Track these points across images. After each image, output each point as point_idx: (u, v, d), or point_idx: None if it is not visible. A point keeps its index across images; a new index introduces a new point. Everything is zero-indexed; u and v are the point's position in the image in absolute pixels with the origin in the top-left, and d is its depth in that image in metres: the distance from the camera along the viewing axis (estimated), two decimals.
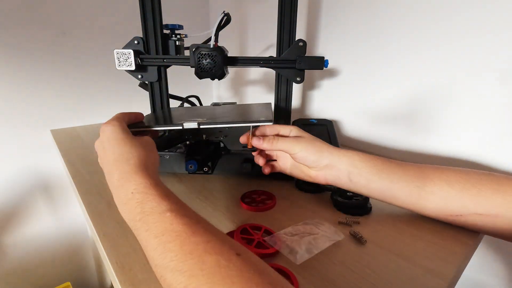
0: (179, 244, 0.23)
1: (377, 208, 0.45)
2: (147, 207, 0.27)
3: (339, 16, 0.71)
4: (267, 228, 0.39)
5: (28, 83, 0.79)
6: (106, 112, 0.94)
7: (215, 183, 0.54)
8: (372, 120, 0.70)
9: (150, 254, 0.25)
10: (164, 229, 0.25)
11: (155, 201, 0.27)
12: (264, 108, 0.52)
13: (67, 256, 0.99)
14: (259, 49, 0.96)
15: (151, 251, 0.25)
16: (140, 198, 0.28)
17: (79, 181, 0.54)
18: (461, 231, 0.40)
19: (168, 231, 0.24)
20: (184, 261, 0.22)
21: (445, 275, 0.32)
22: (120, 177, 0.30)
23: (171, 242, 0.24)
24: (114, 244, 0.36)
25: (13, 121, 0.79)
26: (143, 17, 0.52)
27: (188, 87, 1.07)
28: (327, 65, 0.54)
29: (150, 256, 0.25)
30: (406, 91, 0.63)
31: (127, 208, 0.28)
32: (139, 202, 0.28)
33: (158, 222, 0.25)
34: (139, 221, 0.26)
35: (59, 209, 0.93)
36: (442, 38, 0.55)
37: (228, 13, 0.51)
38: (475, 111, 0.53)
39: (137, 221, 0.27)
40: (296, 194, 0.50)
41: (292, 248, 0.35)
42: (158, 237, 0.24)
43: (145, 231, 0.26)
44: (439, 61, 0.56)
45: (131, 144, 0.33)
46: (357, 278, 0.32)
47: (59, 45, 0.82)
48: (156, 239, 0.24)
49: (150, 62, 0.54)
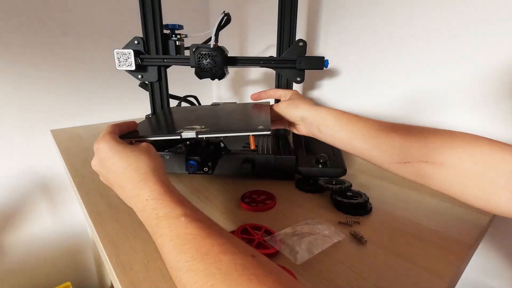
0: (194, 246, 0.24)
1: (377, 208, 0.45)
2: (162, 213, 0.27)
3: (339, 16, 0.71)
4: (267, 228, 0.39)
5: (28, 83, 0.79)
6: (106, 112, 0.95)
7: (215, 183, 0.54)
8: None
9: (166, 257, 0.25)
10: (178, 232, 0.25)
11: (169, 207, 0.28)
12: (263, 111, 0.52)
13: (67, 256, 0.99)
14: (259, 49, 0.96)
15: (166, 254, 0.25)
16: (154, 204, 0.28)
17: (79, 181, 0.54)
18: (461, 231, 0.40)
19: (183, 235, 0.25)
20: (200, 261, 0.22)
21: (445, 275, 0.32)
22: (133, 187, 0.31)
23: (186, 244, 0.24)
24: (114, 244, 0.36)
25: (13, 121, 0.79)
26: (143, 17, 0.52)
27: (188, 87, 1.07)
28: (327, 65, 0.54)
29: (166, 260, 0.25)
30: (406, 91, 0.63)
31: (144, 215, 0.29)
32: (154, 208, 0.28)
33: (173, 226, 0.26)
34: (155, 226, 0.27)
35: (59, 209, 0.93)
36: (443, 38, 0.55)
37: (228, 13, 0.51)
38: (476, 111, 0.53)
39: (153, 227, 0.27)
40: (296, 194, 0.50)
41: (292, 248, 0.35)
42: (173, 240, 0.25)
43: (160, 235, 0.26)
44: (439, 62, 0.56)
45: (134, 154, 0.33)
46: (357, 278, 0.32)
47: (59, 45, 0.82)
48: (171, 242, 0.25)
49: (150, 62, 0.54)
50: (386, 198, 0.49)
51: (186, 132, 0.39)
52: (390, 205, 0.47)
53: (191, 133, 0.39)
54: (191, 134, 0.39)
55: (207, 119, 0.48)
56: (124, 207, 0.45)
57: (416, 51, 0.59)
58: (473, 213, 0.45)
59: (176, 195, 0.30)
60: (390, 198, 0.49)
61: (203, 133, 0.39)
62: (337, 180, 0.53)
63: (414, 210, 0.45)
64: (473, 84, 0.53)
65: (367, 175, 0.58)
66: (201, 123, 0.43)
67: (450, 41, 0.54)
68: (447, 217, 0.44)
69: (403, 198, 0.49)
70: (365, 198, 0.45)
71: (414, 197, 0.50)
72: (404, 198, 0.50)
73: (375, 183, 0.55)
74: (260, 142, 0.59)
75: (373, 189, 0.52)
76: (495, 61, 0.50)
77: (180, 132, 0.39)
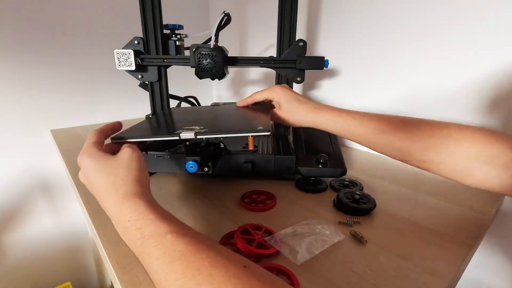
0: (184, 262, 0.23)
1: (377, 208, 0.45)
2: (146, 232, 0.26)
3: (339, 16, 0.71)
4: (268, 228, 0.39)
5: (28, 83, 0.79)
6: (106, 112, 0.95)
7: (215, 183, 0.54)
8: None
9: (155, 277, 0.24)
10: (166, 250, 0.24)
11: (153, 225, 0.27)
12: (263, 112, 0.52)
13: (67, 256, 0.99)
14: (259, 49, 0.96)
15: (155, 274, 0.24)
16: (138, 224, 0.27)
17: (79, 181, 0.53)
18: (461, 231, 0.40)
19: (171, 252, 0.24)
20: (191, 278, 0.22)
21: (445, 275, 0.32)
22: (114, 208, 0.29)
23: (175, 261, 0.23)
24: (114, 244, 0.36)
25: (13, 121, 0.79)
26: (143, 17, 0.52)
27: (188, 87, 1.07)
28: (327, 65, 0.54)
29: (156, 280, 0.24)
30: (406, 91, 0.63)
31: (127, 237, 0.28)
32: (138, 228, 0.27)
33: (160, 245, 0.25)
34: (140, 247, 0.26)
35: (59, 209, 0.93)
36: (443, 38, 0.55)
37: (228, 13, 0.51)
38: (476, 111, 0.53)
39: (139, 247, 0.26)
40: (296, 194, 0.50)
41: (293, 248, 0.35)
42: (160, 258, 0.24)
43: (147, 255, 0.25)
44: (439, 62, 0.56)
45: (114, 170, 0.32)
46: (358, 278, 0.32)
47: (59, 46, 0.82)
48: (159, 260, 0.24)
49: (150, 62, 0.54)
50: (386, 198, 0.49)
51: (185, 133, 0.39)
52: (391, 205, 0.47)
53: (190, 133, 0.39)
54: (189, 135, 0.39)
55: (206, 120, 0.48)
56: None
57: (417, 51, 0.59)
58: (473, 213, 0.45)
59: (160, 212, 0.28)
60: (391, 198, 0.49)
61: (202, 133, 0.39)
62: (350, 180, 0.53)
63: (414, 210, 0.45)
64: (473, 83, 0.53)
65: (367, 175, 0.58)
66: (201, 123, 0.43)
67: (450, 41, 0.54)
68: (447, 217, 0.44)
69: (403, 198, 0.49)
70: (373, 204, 0.44)
71: (414, 197, 0.50)
72: (404, 198, 0.50)
73: (375, 183, 0.55)
74: (260, 142, 0.59)
75: (373, 189, 0.52)
76: (496, 60, 0.50)
77: (179, 133, 0.39)
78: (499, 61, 0.49)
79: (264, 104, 0.54)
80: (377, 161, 0.67)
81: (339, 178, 0.53)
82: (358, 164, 0.65)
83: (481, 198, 0.49)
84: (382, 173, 0.59)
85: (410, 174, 0.59)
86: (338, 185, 0.52)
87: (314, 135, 0.60)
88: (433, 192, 0.52)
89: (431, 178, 0.57)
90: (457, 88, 0.55)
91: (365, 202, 0.44)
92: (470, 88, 0.54)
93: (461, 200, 0.49)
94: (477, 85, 0.52)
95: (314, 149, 0.56)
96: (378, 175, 0.58)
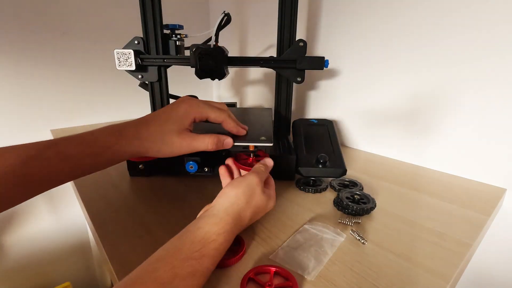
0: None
1: (377, 208, 0.45)
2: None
3: (339, 16, 0.71)
4: (278, 270, 0.32)
5: (28, 83, 0.79)
6: (106, 112, 0.95)
7: (216, 184, 0.54)
8: (372, 120, 0.70)
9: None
10: None
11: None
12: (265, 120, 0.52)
13: (67, 256, 0.99)
14: (259, 49, 0.96)
15: None
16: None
17: (79, 181, 0.54)
18: (461, 231, 0.40)
19: None
20: None
21: (445, 275, 0.32)
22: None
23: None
24: (114, 244, 0.36)
25: (13, 121, 0.79)
26: (143, 17, 0.52)
27: (188, 87, 1.07)
28: (327, 65, 0.54)
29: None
30: (406, 91, 0.63)
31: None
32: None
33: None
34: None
35: (59, 209, 0.93)
36: (443, 38, 0.55)
37: (228, 13, 0.51)
38: (475, 111, 0.53)
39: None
40: (296, 194, 0.50)
41: (301, 263, 0.33)
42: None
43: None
44: (439, 61, 0.56)
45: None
46: (358, 278, 0.32)
47: (59, 45, 0.82)
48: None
49: (150, 62, 0.54)
50: (386, 198, 0.49)
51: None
52: (390, 205, 0.47)
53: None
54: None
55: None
56: (124, 208, 0.45)
57: (417, 51, 0.59)
58: (473, 213, 0.45)
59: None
60: (391, 198, 0.49)
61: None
62: (350, 180, 0.53)
63: (414, 210, 0.45)
64: (473, 83, 0.53)
65: (367, 175, 0.58)
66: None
67: (450, 40, 0.54)
68: (447, 217, 0.44)
69: (403, 198, 0.49)
70: (373, 204, 0.44)
71: (414, 197, 0.50)
72: (404, 198, 0.50)
73: (375, 183, 0.55)
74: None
75: (373, 189, 0.52)
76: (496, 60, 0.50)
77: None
78: (499, 61, 0.49)
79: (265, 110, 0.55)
80: (377, 161, 0.67)
81: (339, 178, 0.53)
82: (358, 164, 0.65)
83: (481, 198, 0.49)
84: (382, 173, 0.59)
85: (410, 174, 0.59)
86: (338, 185, 0.52)
87: (314, 135, 0.61)
88: (433, 192, 0.52)
89: (431, 178, 0.57)
90: (458, 89, 0.55)
91: (365, 202, 0.44)
92: (470, 88, 0.54)
93: (461, 200, 0.49)
94: (477, 85, 0.52)
95: (314, 149, 0.56)
96: (378, 175, 0.58)
